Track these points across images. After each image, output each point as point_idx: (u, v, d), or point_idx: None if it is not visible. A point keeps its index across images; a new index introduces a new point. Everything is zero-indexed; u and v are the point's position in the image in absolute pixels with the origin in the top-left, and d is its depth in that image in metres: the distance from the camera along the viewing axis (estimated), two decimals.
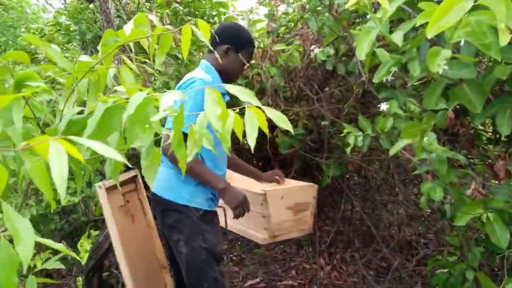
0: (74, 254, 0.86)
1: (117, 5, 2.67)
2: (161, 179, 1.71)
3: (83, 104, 0.86)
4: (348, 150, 1.81)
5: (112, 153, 0.49)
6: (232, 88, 0.73)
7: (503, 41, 0.69)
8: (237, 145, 3.70)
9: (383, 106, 1.73)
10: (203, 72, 1.70)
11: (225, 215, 2.05)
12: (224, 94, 1.76)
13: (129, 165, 0.80)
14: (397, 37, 0.93)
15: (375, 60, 1.38)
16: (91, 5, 2.85)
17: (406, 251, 3.11)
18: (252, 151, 0.80)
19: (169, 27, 0.90)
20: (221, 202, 2.29)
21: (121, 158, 0.53)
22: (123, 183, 2.30)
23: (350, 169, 3.14)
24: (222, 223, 2.09)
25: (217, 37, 1.69)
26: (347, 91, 2.80)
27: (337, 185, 3.38)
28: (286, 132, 3.05)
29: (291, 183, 2.20)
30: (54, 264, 0.84)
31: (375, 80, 1.10)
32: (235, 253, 3.41)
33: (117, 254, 1.99)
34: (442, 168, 1.23)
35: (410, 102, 1.59)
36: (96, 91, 0.82)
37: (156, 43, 0.86)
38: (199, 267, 1.65)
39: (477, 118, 1.01)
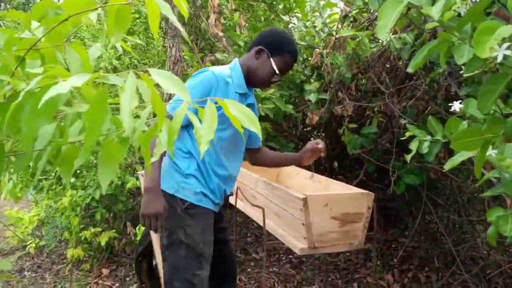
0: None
1: None
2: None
3: None
4: (408, 158, 1.49)
5: None
6: (159, 75, 0.55)
7: None
8: (308, 141, 3.47)
9: (456, 106, 1.39)
10: (226, 68, 1.58)
11: (263, 214, 1.88)
12: (246, 94, 1.61)
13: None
14: (436, 9, 0.65)
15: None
16: None
17: (496, 279, 2.59)
18: (202, 156, 0.62)
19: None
20: (258, 202, 2.13)
21: None
22: None
23: (433, 178, 2.72)
24: (260, 222, 1.93)
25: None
26: (437, 84, 2.39)
27: (417, 193, 2.96)
28: (356, 130, 2.74)
29: (339, 188, 1.93)
30: (3, 265, 0.77)
31: (409, 69, 0.82)
32: (295, 255, 3.22)
33: (154, 243, 1.96)
34: None
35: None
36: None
37: (114, 19, 0.71)
38: (175, 263, 1.51)
39: None
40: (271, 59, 1.56)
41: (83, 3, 0.66)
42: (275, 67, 1.56)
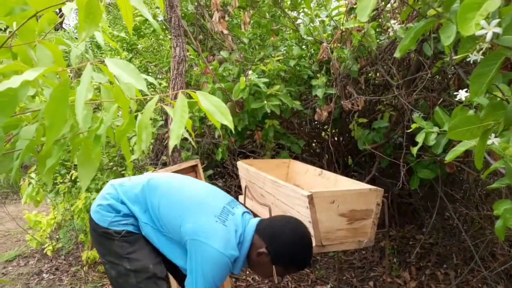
0: None
1: None
2: (98, 197, 1.55)
3: None
4: (414, 151, 1.44)
5: None
6: (116, 65, 0.53)
7: None
8: (319, 137, 3.41)
9: (462, 94, 1.33)
10: (231, 245, 1.35)
11: (270, 213, 1.85)
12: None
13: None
14: None
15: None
16: None
17: None
18: (171, 151, 0.59)
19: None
20: (266, 200, 2.09)
21: None
22: (181, 172, 2.26)
23: (449, 172, 2.63)
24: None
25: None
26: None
27: (433, 189, 2.87)
28: (367, 125, 2.68)
29: (349, 185, 1.88)
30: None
31: (397, 54, 0.78)
32: None
33: None
34: None
35: (497, 89, 1.17)
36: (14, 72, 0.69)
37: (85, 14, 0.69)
38: None
39: None
40: (273, 266, 1.38)
41: None
42: (275, 276, 1.39)
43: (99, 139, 0.66)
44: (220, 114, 0.61)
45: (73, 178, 3.30)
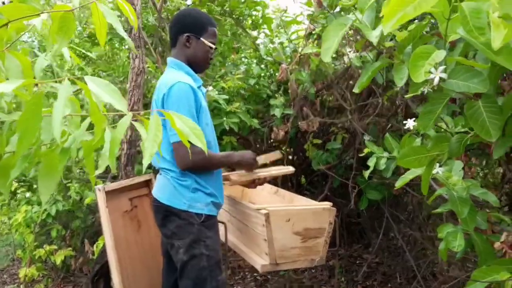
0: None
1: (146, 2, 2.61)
2: (161, 186, 1.65)
3: None
4: (366, 174, 1.52)
5: None
6: (95, 83, 0.53)
7: (496, 40, 0.42)
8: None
9: (410, 123, 1.43)
10: (174, 72, 1.61)
11: (225, 230, 1.85)
12: (201, 85, 1.69)
13: None
14: (375, 34, 0.67)
15: None
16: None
17: None
18: (144, 169, 0.59)
19: None
20: (222, 217, 2.10)
21: None
22: (133, 187, 2.21)
23: (395, 194, 2.77)
24: (222, 237, 1.89)
25: (173, 30, 1.67)
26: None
27: (380, 209, 3.02)
28: (321, 146, 2.78)
29: (302, 203, 1.93)
30: None
31: (355, 90, 0.84)
32: (260, 273, 3.18)
33: (110, 261, 1.88)
34: (462, 209, 0.92)
35: (441, 121, 1.27)
36: None
37: (58, 26, 0.68)
38: (199, 275, 1.55)
39: (496, 150, 0.71)
40: (201, 39, 1.63)
41: (25, 8, 0.63)
42: (209, 44, 1.65)
43: (66, 153, 0.65)
44: (194, 136, 0.63)
45: (12, 189, 3.10)
